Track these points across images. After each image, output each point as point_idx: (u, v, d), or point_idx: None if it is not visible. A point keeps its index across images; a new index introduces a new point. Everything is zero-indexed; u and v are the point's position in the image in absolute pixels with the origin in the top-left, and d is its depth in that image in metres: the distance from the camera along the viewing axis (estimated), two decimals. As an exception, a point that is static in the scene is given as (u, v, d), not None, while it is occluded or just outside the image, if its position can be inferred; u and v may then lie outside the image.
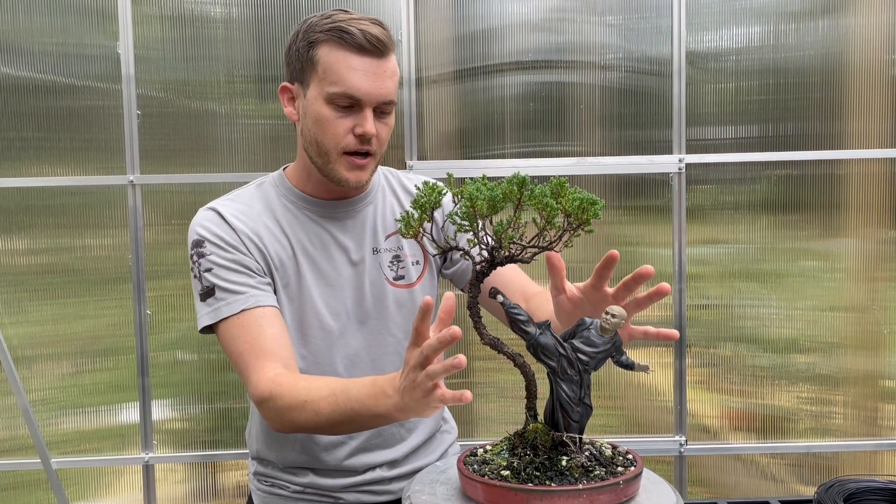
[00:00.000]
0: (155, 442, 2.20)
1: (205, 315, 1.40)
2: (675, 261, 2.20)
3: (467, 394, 1.02)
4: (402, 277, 1.51)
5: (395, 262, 1.51)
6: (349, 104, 1.37)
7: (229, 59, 2.15)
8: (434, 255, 1.33)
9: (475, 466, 1.03)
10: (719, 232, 2.24)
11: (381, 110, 1.40)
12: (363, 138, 1.38)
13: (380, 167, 1.60)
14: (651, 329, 1.17)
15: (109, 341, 2.18)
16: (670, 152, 2.19)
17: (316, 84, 1.39)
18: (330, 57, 1.37)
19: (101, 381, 2.19)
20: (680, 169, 2.19)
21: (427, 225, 1.07)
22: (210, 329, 1.41)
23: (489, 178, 1.02)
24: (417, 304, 1.52)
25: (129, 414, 2.20)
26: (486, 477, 0.99)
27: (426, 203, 1.02)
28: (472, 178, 1.04)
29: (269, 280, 1.43)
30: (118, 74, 2.12)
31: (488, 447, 1.10)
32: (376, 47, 1.35)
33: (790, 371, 2.26)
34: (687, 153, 2.19)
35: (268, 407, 1.32)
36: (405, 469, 1.53)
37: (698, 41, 2.20)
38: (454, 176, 1.06)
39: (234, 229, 1.41)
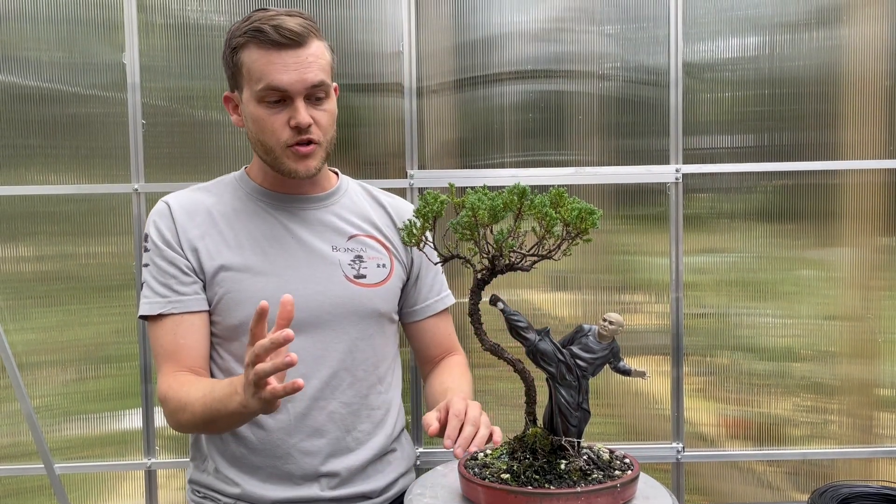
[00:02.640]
0: (157, 448, 2.22)
1: (139, 305, 1.49)
2: (672, 269, 2.23)
3: (299, 382, 1.08)
4: (363, 276, 1.51)
5: (356, 262, 1.51)
6: (278, 98, 1.40)
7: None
8: (436, 263, 1.36)
9: (476, 470, 1.05)
10: (716, 241, 2.26)
11: (314, 97, 1.42)
12: (299, 129, 1.41)
13: (353, 181, 1.64)
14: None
15: (113, 348, 2.20)
16: (667, 162, 2.22)
17: (247, 87, 1.43)
18: (251, 58, 1.40)
19: (104, 387, 2.21)
20: (677, 179, 2.21)
21: (429, 233, 1.09)
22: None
23: (489, 188, 1.05)
24: (377, 306, 1.54)
25: (132, 420, 2.22)
26: (486, 480, 1.01)
27: (428, 212, 1.04)
28: (473, 188, 1.06)
29: (197, 281, 1.46)
30: (123, 83, 2.15)
31: (488, 451, 1.13)
32: (292, 39, 1.38)
33: (786, 379, 2.28)
34: (684, 163, 2.21)
35: (163, 407, 1.42)
36: (346, 492, 1.49)
37: (695, 51, 2.23)
38: (451, 186, 1.09)
39: (175, 224, 1.46)
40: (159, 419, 2.22)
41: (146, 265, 1.48)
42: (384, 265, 1.55)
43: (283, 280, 1.46)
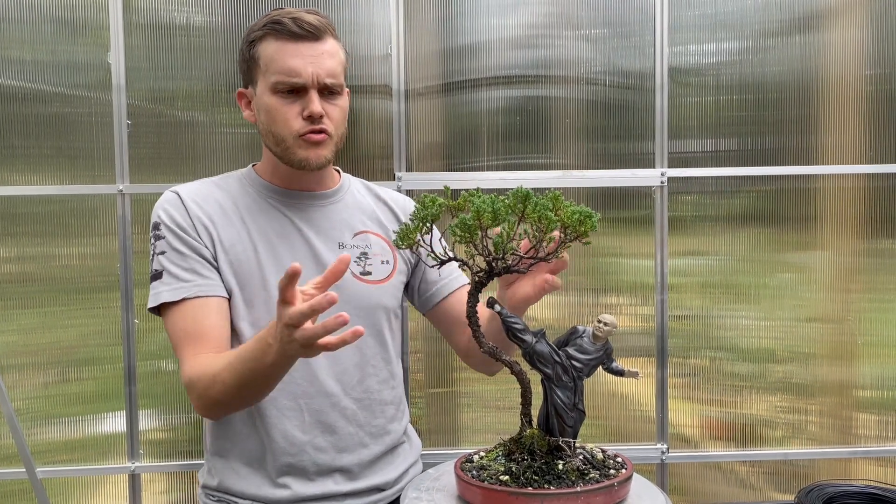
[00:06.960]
0: (141, 452, 2.20)
1: (151, 296, 1.45)
2: (656, 272, 2.25)
3: (359, 330, 1.07)
4: (368, 273, 1.53)
5: (361, 259, 1.54)
6: (292, 89, 1.43)
7: (218, 68, 2.17)
8: (432, 266, 1.37)
9: (473, 472, 1.05)
10: (700, 244, 2.28)
11: (328, 91, 1.45)
12: (312, 119, 1.43)
13: (355, 178, 1.66)
14: (549, 276, 1.24)
15: (96, 350, 2.18)
16: (653, 166, 2.24)
17: (262, 79, 1.45)
18: (268, 49, 1.44)
19: (87, 390, 2.18)
20: (662, 182, 2.23)
21: (426, 237, 1.10)
22: (158, 311, 1.45)
23: (483, 191, 1.06)
24: (383, 302, 1.55)
25: (115, 423, 2.20)
26: (485, 482, 1.02)
27: (426, 216, 1.05)
28: (467, 191, 1.07)
29: (215, 268, 1.45)
30: (108, 84, 2.13)
31: (482, 453, 1.13)
32: (310, 32, 1.42)
33: (768, 380, 2.30)
34: (669, 167, 2.24)
35: (192, 392, 1.37)
36: (361, 485, 1.51)
37: (680, 57, 2.25)
38: (447, 188, 1.10)
39: (188, 212, 1.45)
40: (143, 422, 2.20)
41: (162, 253, 1.44)
42: (388, 261, 1.56)
43: None
